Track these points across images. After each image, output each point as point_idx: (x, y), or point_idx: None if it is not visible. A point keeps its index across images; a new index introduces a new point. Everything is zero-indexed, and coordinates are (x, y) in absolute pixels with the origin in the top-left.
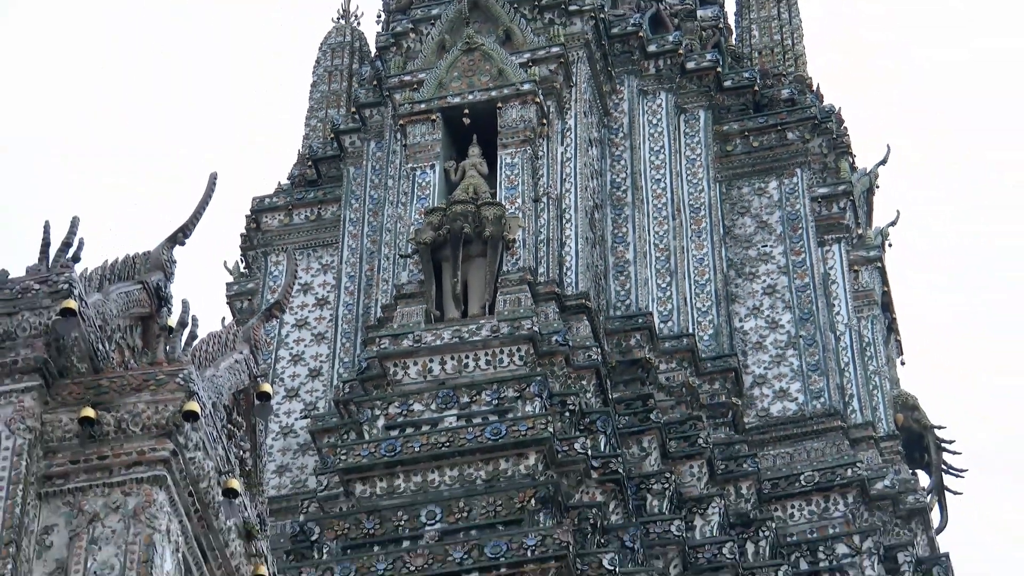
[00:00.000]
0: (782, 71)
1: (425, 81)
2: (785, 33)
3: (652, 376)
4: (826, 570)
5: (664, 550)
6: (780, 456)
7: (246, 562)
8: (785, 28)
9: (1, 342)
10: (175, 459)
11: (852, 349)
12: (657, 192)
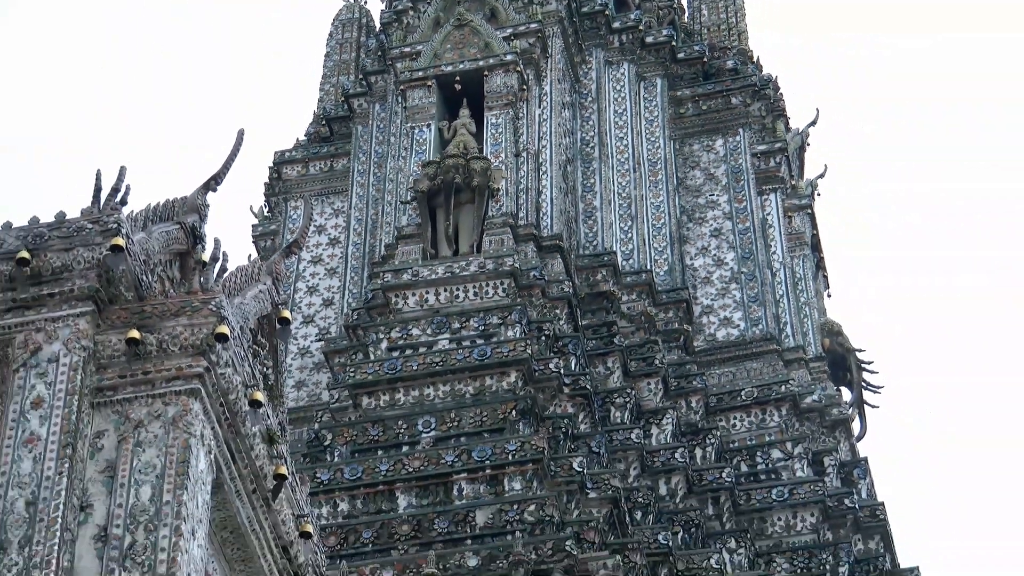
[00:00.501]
0: (727, 45)
1: (422, 52)
2: (730, 12)
3: (615, 306)
4: (763, 472)
5: (625, 455)
6: (724, 375)
7: (268, 463)
8: (730, 8)
9: (59, 273)
10: (208, 374)
11: (786, 283)
12: (620, 148)
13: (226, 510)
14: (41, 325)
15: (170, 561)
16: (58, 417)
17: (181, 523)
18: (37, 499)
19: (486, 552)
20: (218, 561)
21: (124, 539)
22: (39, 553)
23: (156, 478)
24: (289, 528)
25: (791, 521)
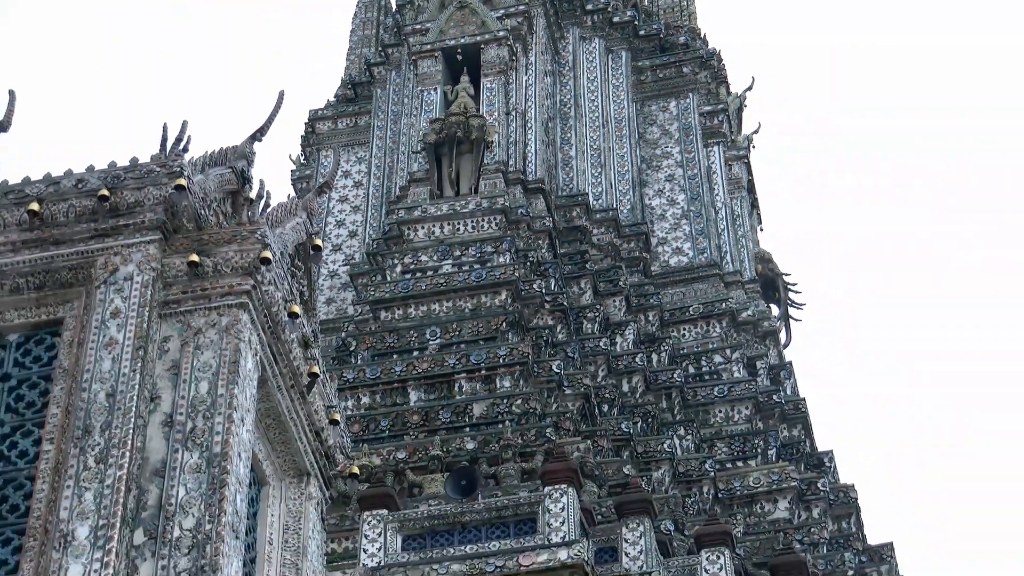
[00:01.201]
0: (680, 24)
1: (430, 29)
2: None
3: (587, 238)
4: (707, 373)
5: (594, 359)
6: (675, 294)
7: (304, 363)
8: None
9: (132, 208)
10: (254, 291)
11: (727, 220)
12: (592, 109)
13: (269, 402)
14: (118, 250)
15: (224, 443)
16: (132, 325)
17: (232, 412)
18: (115, 392)
19: (481, 438)
20: (263, 443)
21: (186, 425)
22: (117, 436)
23: (212, 375)
24: (320, 417)
25: (729, 413)
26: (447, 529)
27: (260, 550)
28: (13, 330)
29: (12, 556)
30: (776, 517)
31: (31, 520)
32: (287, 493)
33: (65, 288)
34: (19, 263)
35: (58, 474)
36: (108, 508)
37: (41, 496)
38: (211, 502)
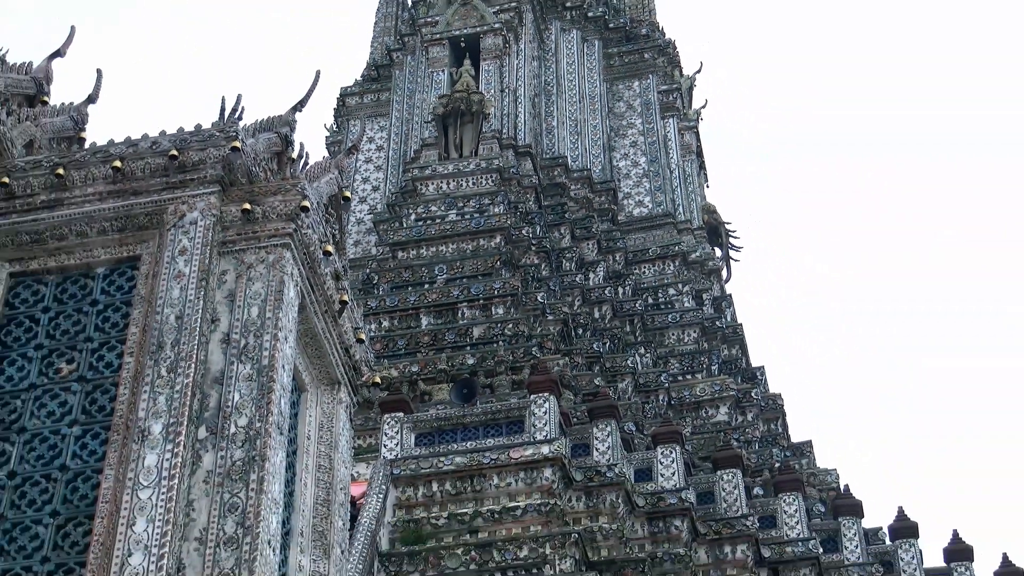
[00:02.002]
0: (642, 18)
1: (439, 22)
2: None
3: (566, 193)
4: (662, 303)
5: (571, 291)
6: (637, 239)
7: (335, 293)
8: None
9: (196, 165)
10: (296, 234)
11: (679, 178)
12: (570, 88)
13: (307, 323)
14: (185, 200)
15: (270, 357)
16: (196, 261)
17: (277, 332)
18: (183, 315)
19: (479, 355)
20: (302, 357)
21: (240, 342)
22: (184, 350)
23: (261, 302)
24: (349, 336)
25: (680, 336)
26: (451, 428)
27: (300, 444)
28: (100, 264)
29: (100, 447)
30: (717, 420)
31: (115, 419)
32: (322, 398)
33: (142, 230)
34: (104, 210)
35: (136, 381)
36: (177, 409)
37: (123, 399)
38: (260, 405)
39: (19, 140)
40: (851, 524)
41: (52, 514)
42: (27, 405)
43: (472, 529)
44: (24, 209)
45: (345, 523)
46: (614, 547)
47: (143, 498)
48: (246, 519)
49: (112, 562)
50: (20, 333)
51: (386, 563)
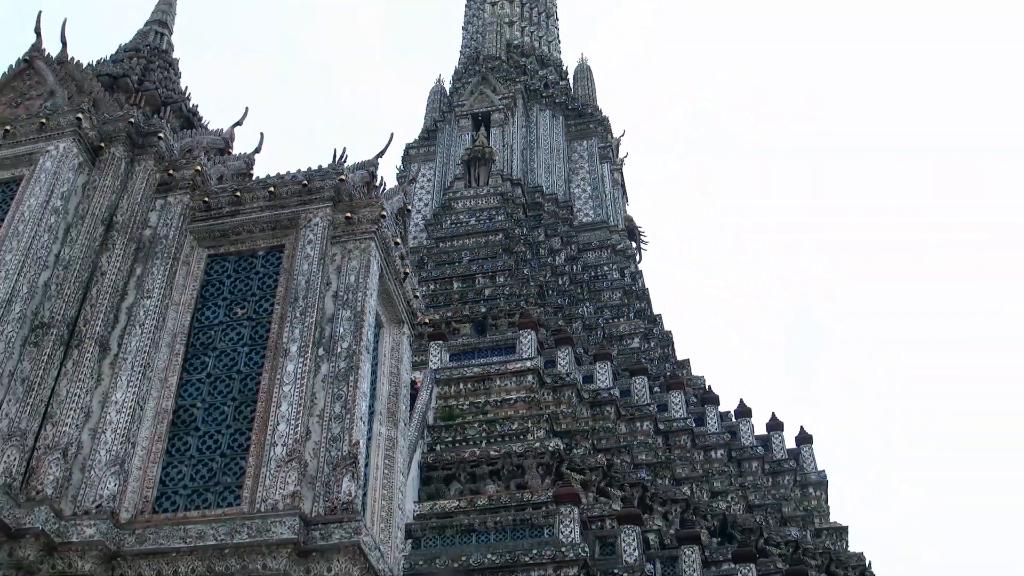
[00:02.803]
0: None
1: (465, 104)
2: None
3: (542, 208)
4: (600, 276)
5: (544, 268)
6: (585, 236)
7: (401, 267)
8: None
9: (319, 190)
10: (377, 231)
11: (611, 200)
12: (544, 144)
13: (384, 286)
14: (312, 211)
15: (362, 305)
16: (318, 247)
17: (368, 290)
18: (309, 280)
19: (488, 306)
20: (380, 306)
21: (344, 297)
22: (310, 301)
23: (356, 273)
24: (409, 294)
25: (611, 295)
26: (471, 351)
27: (379, 359)
28: (260, 250)
29: (260, 359)
30: (633, 346)
31: (269, 342)
32: (392, 331)
33: (286, 229)
34: (264, 217)
35: (282, 320)
36: (306, 337)
37: (274, 331)
38: (356, 334)
39: (213, 175)
40: (712, 410)
41: (232, 399)
42: (217, 334)
43: (483, 411)
44: (217, 217)
45: (407, 407)
46: (569, 423)
47: (286, 391)
48: (347, 404)
49: (267, 428)
50: (213, 291)
51: (430, 431)
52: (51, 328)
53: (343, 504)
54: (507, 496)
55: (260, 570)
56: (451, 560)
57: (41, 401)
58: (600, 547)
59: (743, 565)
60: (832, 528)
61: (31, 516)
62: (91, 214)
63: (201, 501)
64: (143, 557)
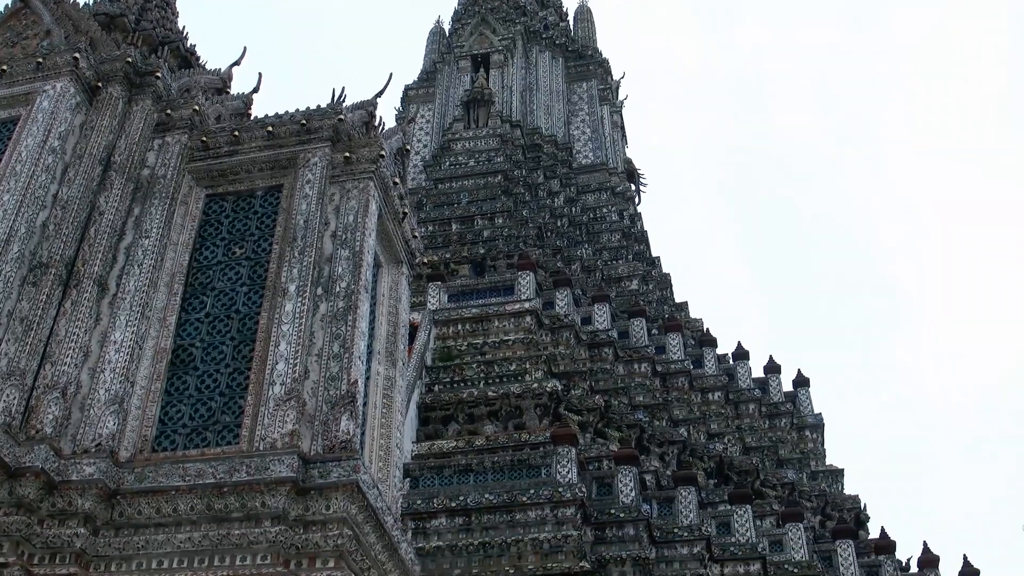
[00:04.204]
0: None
1: (464, 45)
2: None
3: (541, 150)
4: (600, 217)
5: (543, 209)
6: (584, 178)
7: (400, 207)
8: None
9: (317, 130)
10: (376, 171)
11: (610, 142)
12: (544, 86)
13: (383, 226)
14: (310, 151)
15: (361, 244)
16: (316, 187)
17: (365, 230)
18: (307, 220)
19: (487, 247)
20: (379, 246)
21: (342, 236)
22: (308, 241)
23: (355, 212)
24: (408, 234)
25: (610, 236)
26: (470, 291)
27: (377, 299)
28: (259, 189)
29: (259, 299)
30: (631, 288)
31: (268, 282)
32: (391, 271)
33: (284, 169)
34: (262, 157)
35: (280, 260)
36: (304, 276)
37: (272, 270)
38: (354, 274)
39: (211, 115)
40: (710, 352)
41: (231, 338)
42: (216, 273)
43: (482, 352)
44: (215, 157)
45: (405, 346)
46: (567, 364)
47: (284, 330)
48: (345, 343)
49: (266, 368)
50: (211, 231)
51: (429, 372)
52: (49, 268)
53: (341, 443)
54: (505, 436)
55: (259, 508)
56: (448, 499)
57: (40, 341)
58: (597, 487)
59: (739, 506)
60: (828, 471)
61: (31, 455)
62: (89, 154)
63: (200, 440)
64: (142, 495)
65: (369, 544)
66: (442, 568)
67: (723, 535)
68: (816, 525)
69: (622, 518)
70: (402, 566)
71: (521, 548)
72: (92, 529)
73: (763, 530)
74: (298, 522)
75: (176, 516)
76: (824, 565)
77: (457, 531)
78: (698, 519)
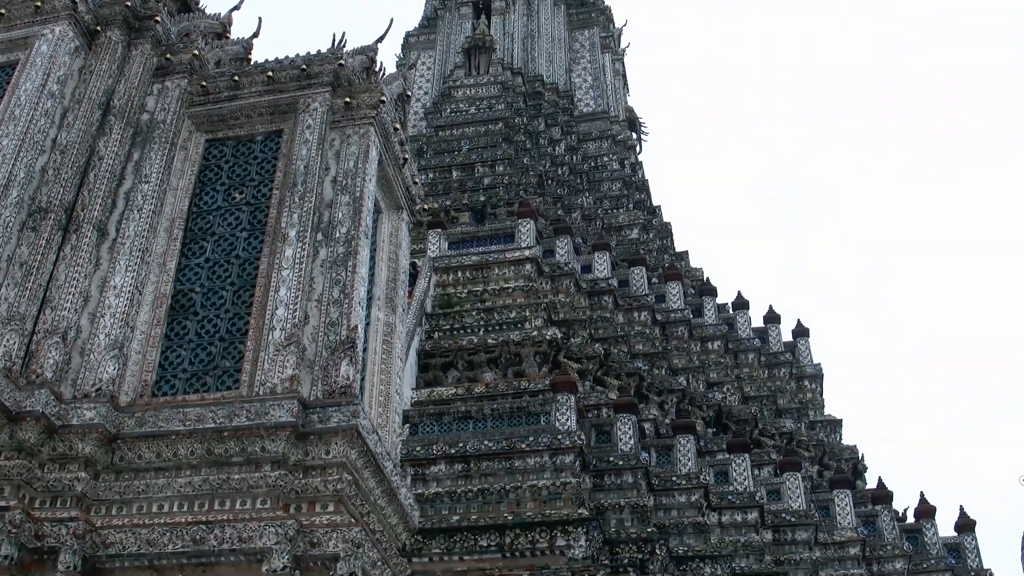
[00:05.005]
0: None
1: None
2: None
3: (542, 97)
4: (600, 166)
5: (544, 158)
6: (585, 126)
7: (400, 153)
8: None
9: (317, 75)
10: (377, 117)
11: (611, 90)
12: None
13: (383, 172)
14: (311, 95)
15: (361, 190)
16: (316, 132)
17: (365, 176)
18: (308, 165)
19: (487, 195)
20: (380, 192)
21: (343, 182)
22: (308, 186)
23: (355, 158)
24: (408, 180)
25: (611, 185)
26: (470, 239)
27: (378, 245)
28: (259, 135)
29: (259, 244)
30: (632, 238)
31: (268, 227)
32: (391, 217)
33: (284, 114)
34: (262, 102)
35: (280, 206)
36: (304, 222)
37: (272, 215)
38: (355, 219)
39: (211, 60)
40: (710, 301)
41: (231, 284)
42: (216, 218)
43: (481, 299)
44: (215, 102)
45: (405, 292)
46: (567, 312)
47: (284, 275)
48: (345, 289)
49: (266, 313)
50: (212, 176)
51: (429, 319)
52: (49, 213)
53: (341, 388)
54: (504, 384)
55: (259, 452)
56: (448, 446)
57: (40, 286)
58: (596, 435)
59: (737, 455)
60: (826, 421)
61: (31, 399)
62: (88, 99)
63: (200, 385)
64: (142, 439)
65: (368, 489)
66: (441, 514)
67: (721, 484)
68: (814, 475)
69: (620, 466)
70: (401, 511)
71: (520, 495)
72: (93, 473)
73: (761, 479)
74: (298, 467)
75: (176, 460)
76: (821, 514)
77: (456, 477)
78: (696, 467)
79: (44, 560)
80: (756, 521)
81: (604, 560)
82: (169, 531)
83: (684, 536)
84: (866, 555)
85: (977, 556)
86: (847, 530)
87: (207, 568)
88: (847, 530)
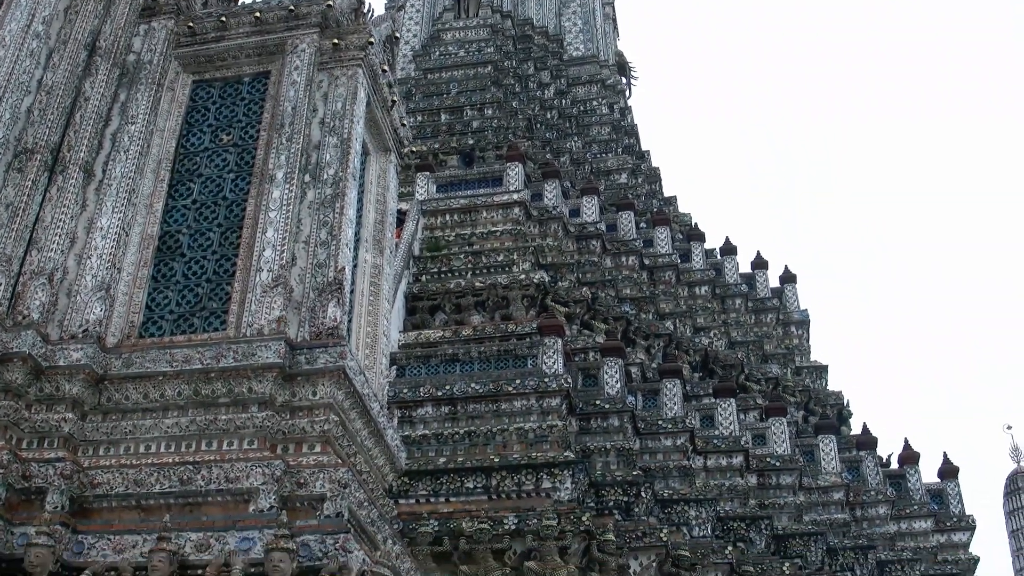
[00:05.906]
0: None
1: None
2: None
3: (532, 41)
4: (589, 110)
5: (533, 101)
6: (575, 70)
7: (388, 96)
8: None
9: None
10: (365, 58)
11: (601, 35)
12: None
13: (372, 114)
14: (299, 36)
15: (349, 132)
16: (304, 74)
17: (353, 118)
18: (295, 107)
19: (476, 138)
20: (367, 134)
21: (331, 124)
22: (296, 128)
23: (343, 100)
24: (396, 122)
25: (599, 130)
26: (458, 182)
27: (365, 187)
28: (247, 76)
29: (246, 186)
30: (620, 182)
31: (255, 168)
32: (379, 159)
33: (272, 55)
34: (250, 43)
35: (268, 146)
36: (292, 163)
37: (259, 157)
38: (342, 161)
39: (198, 0)
40: (698, 247)
41: (218, 225)
42: (203, 160)
43: (469, 243)
44: (202, 43)
45: (393, 234)
46: (555, 256)
47: (272, 217)
48: (333, 230)
49: (253, 254)
50: (199, 117)
51: (416, 262)
52: (34, 154)
53: (328, 329)
54: (492, 327)
55: (246, 393)
56: (435, 388)
57: (26, 227)
58: (583, 379)
59: (723, 400)
60: (812, 367)
61: (18, 340)
62: (73, 39)
63: (187, 326)
64: (130, 380)
65: (355, 430)
66: (427, 456)
67: (707, 428)
68: (799, 420)
69: (607, 409)
70: (388, 452)
71: (506, 437)
72: (80, 414)
73: (746, 424)
74: (285, 407)
75: (163, 401)
76: (806, 459)
77: (443, 420)
78: (682, 411)
79: (32, 500)
80: (741, 465)
81: (589, 502)
82: (156, 471)
83: (669, 479)
84: (850, 500)
85: (960, 502)
86: (831, 475)
87: (194, 508)
88: (831, 475)
